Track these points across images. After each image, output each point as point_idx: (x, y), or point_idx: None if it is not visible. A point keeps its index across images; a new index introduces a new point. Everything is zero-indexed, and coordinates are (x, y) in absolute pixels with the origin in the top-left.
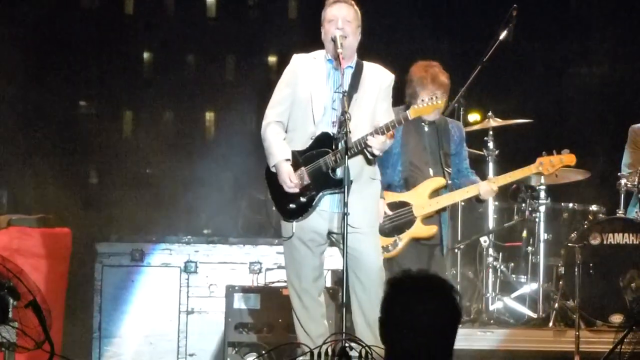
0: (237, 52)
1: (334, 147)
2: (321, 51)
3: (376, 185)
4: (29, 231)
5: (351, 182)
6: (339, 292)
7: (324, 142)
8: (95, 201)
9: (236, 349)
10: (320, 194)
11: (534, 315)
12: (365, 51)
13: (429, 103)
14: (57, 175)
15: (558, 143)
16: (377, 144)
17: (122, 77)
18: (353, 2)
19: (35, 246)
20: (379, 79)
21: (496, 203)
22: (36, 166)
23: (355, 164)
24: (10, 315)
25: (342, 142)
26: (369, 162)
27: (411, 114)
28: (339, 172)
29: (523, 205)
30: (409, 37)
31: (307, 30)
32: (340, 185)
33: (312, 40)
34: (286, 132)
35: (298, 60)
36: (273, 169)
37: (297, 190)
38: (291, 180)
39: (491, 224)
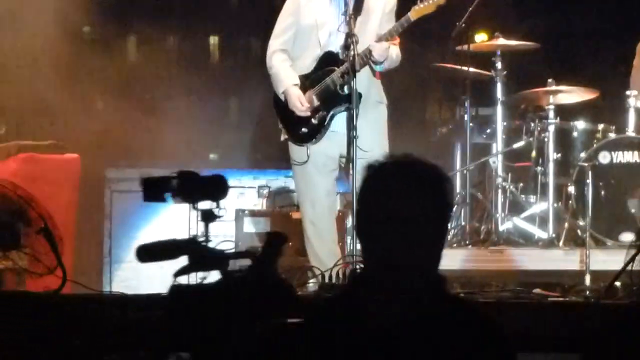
0: None
1: (339, 65)
2: None
3: (383, 109)
4: (39, 157)
5: (360, 95)
6: (348, 215)
7: (328, 62)
8: (101, 127)
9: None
10: (331, 112)
11: (544, 235)
12: None
13: (430, 1)
14: (63, 101)
15: (567, 62)
16: (380, 50)
17: (126, 1)
18: None
19: (45, 172)
20: (382, 2)
21: (504, 123)
22: (41, 92)
23: (362, 84)
24: (21, 241)
25: (349, 60)
26: (376, 83)
27: (412, 15)
28: (347, 89)
29: (532, 124)
30: None
31: None
32: (349, 100)
33: None
34: (291, 59)
35: None
36: (282, 96)
37: (308, 113)
38: (302, 103)
39: (500, 144)
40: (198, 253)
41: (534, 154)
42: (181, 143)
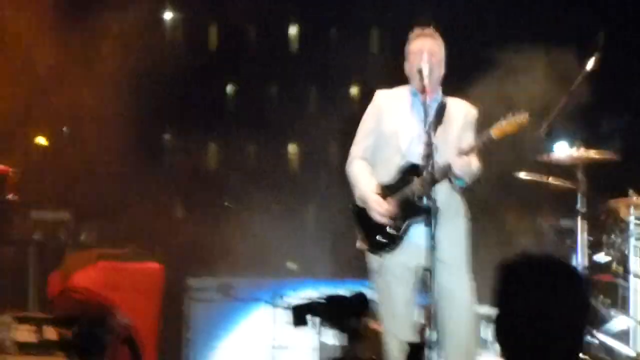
0: (318, 84)
1: (419, 175)
2: (404, 86)
3: (463, 221)
4: (119, 266)
5: (438, 209)
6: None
7: (409, 172)
8: (181, 235)
9: None
10: (408, 222)
11: (633, 353)
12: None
13: (512, 120)
14: (145, 209)
15: None
16: (461, 164)
17: (206, 110)
18: (437, 35)
19: (127, 281)
20: (463, 111)
21: (586, 235)
22: (125, 199)
23: (442, 195)
24: (104, 350)
25: (429, 172)
26: (455, 194)
27: (494, 133)
28: (426, 200)
29: (612, 236)
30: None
31: (389, 64)
32: (428, 212)
33: (394, 74)
34: (372, 166)
35: (381, 95)
36: (359, 202)
37: (386, 218)
38: (381, 206)
39: (581, 257)
40: None
41: (615, 266)
42: (260, 252)
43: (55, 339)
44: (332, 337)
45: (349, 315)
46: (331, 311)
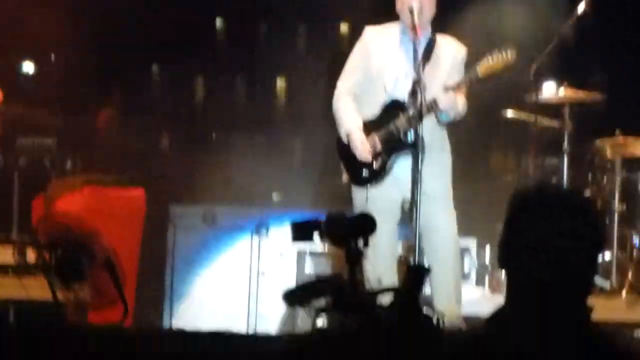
0: (308, 20)
1: (404, 111)
2: (394, 23)
3: (447, 157)
4: (104, 192)
5: (424, 142)
6: (409, 260)
7: (394, 108)
8: (167, 163)
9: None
10: (393, 157)
11: (607, 286)
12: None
13: (499, 57)
14: (130, 138)
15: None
16: (447, 101)
17: (195, 43)
18: None
19: (110, 207)
20: (452, 50)
21: (571, 174)
22: (110, 127)
23: (426, 131)
24: (85, 274)
25: (415, 108)
26: (440, 130)
27: (480, 71)
28: (410, 135)
29: (598, 176)
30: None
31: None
32: (412, 147)
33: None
34: (357, 103)
35: (370, 32)
36: (345, 138)
37: (369, 155)
38: (363, 143)
39: None
40: (343, 293)
41: (599, 205)
42: (245, 181)
43: (35, 261)
44: (313, 267)
45: (350, 235)
46: (332, 229)
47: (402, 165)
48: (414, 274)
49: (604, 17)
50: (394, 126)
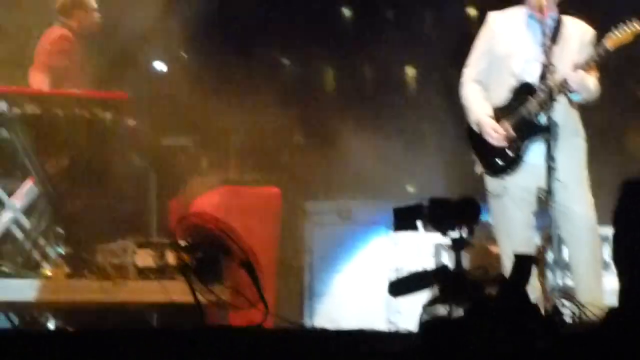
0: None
1: (534, 95)
2: (518, 7)
3: (581, 141)
4: (241, 190)
5: (557, 124)
6: (548, 250)
7: (524, 92)
8: (300, 159)
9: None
10: (526, 142)
11: None
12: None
13: (627, 30)
14: (263, 135)
15: None
16: (576, 79)
17: (322, 33)
18: None
19: (247, 206)
20: (580, 31)
21: None
22: (245, 124)
23: (558, 114)
24: (224, 275)
25: (545, 90)
26: (573, 113)
27: (609, 44)
28: (543, 118)
29: None
30: None
31: None
32: (545, 130)
33: None
34: (485, 89)
35: (494, 18)
36: (475, 126)
37: (503, 142)
38: (496, 131)
39: None
40: (450, 282)
41: None
42: (378, 175)
43: (175, 263)
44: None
45: (454, 221)
46: (435, 215)
47: (535, 152)
48: (520, 264)
49: None
50: (526, 110)
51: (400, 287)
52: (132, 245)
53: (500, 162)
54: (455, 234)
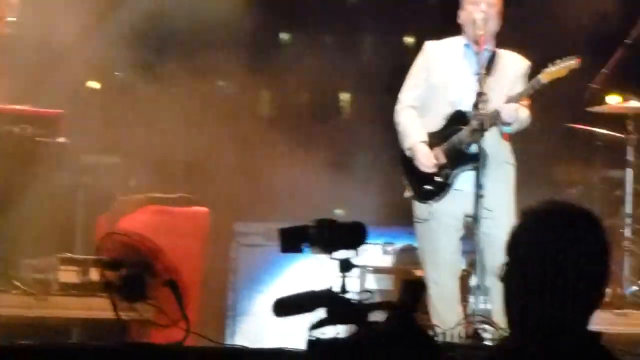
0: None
1: (467, 124)
2: (455, 37)
3: (510, 169)
4: (168, 210)
5: (486, 156)
6: (472, 275)
7: (457, 120)
8: (231, 180)
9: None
10: (456, 170)
11: None
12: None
13: (562, 65)
14: (194, 155)
15: None
16: (509, 111)
17: (260, 58)
18: None
19: (174, 225)
20: (515, 63)
21: (635, 186)
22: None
23: (490, 143)
24: (147, 293)
25: (477, 119)
26: (504, 143)
27: (543, 77)
28: (474, 147)
29: None
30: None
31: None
32: (475, 160)
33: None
34: (420, 115)
35: (431, 46)
36: (408, 152)
37: (433, 169)
38: (428, 160)
39: (629, 207)
40: (336, 305)
41: None
42: (308, 198)
43: (99, 280)
44: (375, 283)
45: (340, 243)
46: (322, 236)
47: (464, 179)
48: (409, 288)
49: None
50: (458, 139)
51: (285, 307)
52: (56, 261)
53: (429, 188)
54: (341, 256)
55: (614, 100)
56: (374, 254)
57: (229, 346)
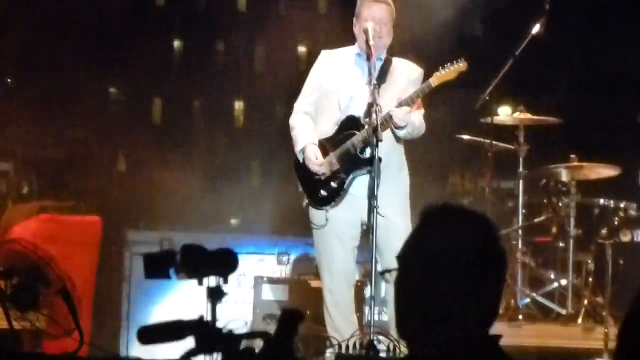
0: (266, 44)
1: (360, 129)
2: (350, 47)
3: (405, 176)
4: (60, 219)
5: (380, 160)
6: (367, 285)
7: (349, 125)
8: (123, 188)
9: None
10: (351, 175)
11: (563, 312)
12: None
13: (451, 68)
14: (87, 161)
15: (589, 138)
16: (400, 114)
17: (152, 65)
18: (390, 1)
19: (66, 234)
20: (407, 71)
21: (526, 197)
22: (67, 151)
23: (384, 149)
24: (40, 302)
25: (370, 127)
26: (398, 150)
27: (433, 81)
28: (367, 152)
29: (553, 199)
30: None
31: (337, 24)
32: (369, 164)
33: (343, 34)
34: (314, 122)
35: (325, 55)
36: (300, 155)
37: (325, 171)
38: (317, 158)
39: (520, 218)
40: (206, 334)
41: (554, 229)
42: (202, 207)
43: None
44: (270, 293)
45: (209, 270)
46: (189, 263)
47: (359, 185)
48: (287, 318)
49: (559, 39)
50: (351, 144)
51: (151, 335)
52: None
53: (323, 193)
54: (211, 283)
55: (504, 112)
56: (269, 264)
57: (124, 357)
